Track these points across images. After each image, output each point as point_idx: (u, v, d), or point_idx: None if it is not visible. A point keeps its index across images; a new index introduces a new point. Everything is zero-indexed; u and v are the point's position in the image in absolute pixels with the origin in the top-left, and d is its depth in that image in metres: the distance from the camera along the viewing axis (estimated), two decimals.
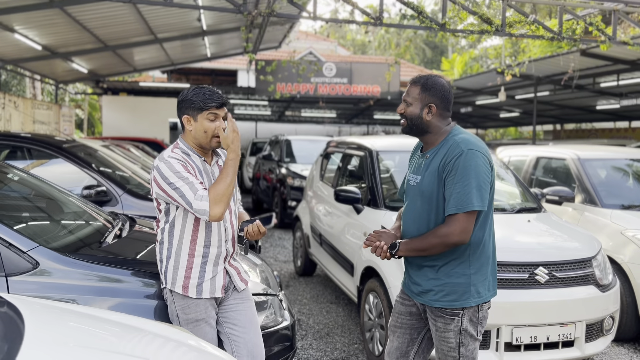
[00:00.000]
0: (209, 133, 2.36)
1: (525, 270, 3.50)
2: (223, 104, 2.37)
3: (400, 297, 2.61)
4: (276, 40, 13.75)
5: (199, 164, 2.40)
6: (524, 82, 12.21)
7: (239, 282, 2.52)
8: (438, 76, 2.47)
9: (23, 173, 3.48)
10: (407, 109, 2.43)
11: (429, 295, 2.40)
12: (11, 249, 2.42)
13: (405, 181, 2.60)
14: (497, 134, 27.47)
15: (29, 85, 17.68)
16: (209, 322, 2.39)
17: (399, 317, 2.58)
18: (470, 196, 2.23)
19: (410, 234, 2.46)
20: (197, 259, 2.37)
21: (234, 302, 2.49)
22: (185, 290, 2.36)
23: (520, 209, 4.45)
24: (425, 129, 2.42)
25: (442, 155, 2.34)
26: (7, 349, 1.39)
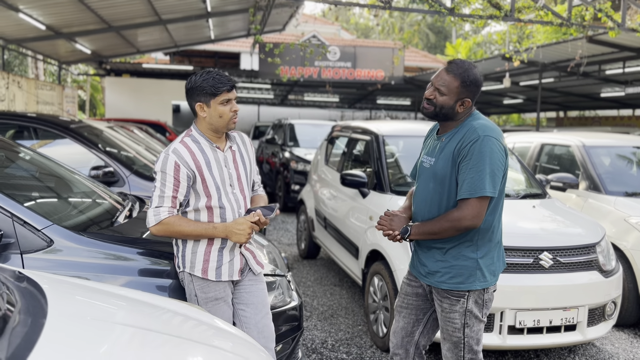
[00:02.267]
0: (225, 117, 2.37)
1: (529, 255, 3.54)
2: (233, 87, 2.38)
3: (408, 278, 2.65)
4: (280, 23, 13.66)
5: (209, 152, 2.39)
6: (529, 68, 12.16)
7: (255, 265, 2.55)
8: (475, 69, 2.40)
9: (34, 153, 3.50)
10: (440, 98, 2.38)
11: (435, 276, 2.44)
12: (26, 227, 2.45)
13: (419, 162, 2.62)
14: (500, 120, 27.40)
15: (32, 66, 17.62)
16: (227, 300, 2.44)
17: (405, 298, 2.63)
18: (484, 182, 2.25)
19: (421, 215, 2.49)
20: (215, 244, 2.41)
21: (248, 283, 2.53)
22: (205, 273, 2.40)
23: (525, 195, 4.48)
24: (452, 117, 2.43)
25: (458, 139, 2.36)
26: (30, 322, 1.42)
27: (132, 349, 1.43)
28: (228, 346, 1.74)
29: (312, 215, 6.06)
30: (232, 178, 2.45)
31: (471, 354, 2.46)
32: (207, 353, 1.60)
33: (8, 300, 1.53)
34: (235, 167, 2.48)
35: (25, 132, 5.10)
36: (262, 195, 2.70)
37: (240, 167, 2.50)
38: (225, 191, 2.41)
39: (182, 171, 2.32)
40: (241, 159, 2.52)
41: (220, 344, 1.73)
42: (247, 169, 2.54)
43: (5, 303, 1.49)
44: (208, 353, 1.60)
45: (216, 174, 2.39)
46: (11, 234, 2.42)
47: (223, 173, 2.42)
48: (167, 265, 2.57)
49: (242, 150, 2.55)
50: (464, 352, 2.45)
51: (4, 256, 2.40)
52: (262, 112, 23.73)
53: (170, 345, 1.54)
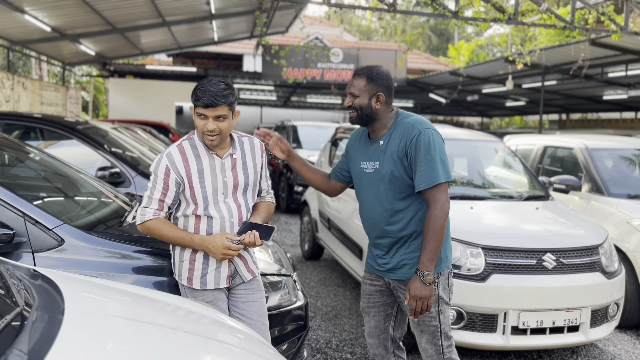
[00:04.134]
0: (200, 129, 2.31)
1: (532, 256, 3.57)
2: (208, 105, 2.21)
3: (368, 278, 2.70)
4: (283, 25, 13.72)
5: (205, 159, 2.36)
6: (532, 70, 12.19)
7: (245, 272, 2.49)
8: (378, 66, 2.56)
9: (43, 153, 3.55)
10: (355, 101, 2.51)
11: (403, 269, 2.50)
12: (37, 226, 2.49)
13: (355, 169, 2.63)
14: (502, 122, 27.42)
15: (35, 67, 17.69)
16: (217, 304, 2.41)
17: (370, 298, 2.68)
18: (437, 170, 2.37)
19: (373, 216, 2.53)
20: (200, 252, 2.38)
21: (244, 292, 2.49)
22: (190, 282, 2.40)
23: (528, 197, 4.51)
24: (375, 117, 2.52)
25: (397, 138, 2.46)
26: (48, 318, 1.46)
27: (144, 344, 1.47)
28: (235, 341, 1.78)
29: (316, 216, 6.09)
30: (227, 187, 2.39)
31: (447, 340, 2.52)
32: (216, 348, 1.64)
33: (25, 297, 1.57)
34: (234, 175, 2.40)
35: (32, 133, 5.15)
36: (268, 203, 2.62)
37: (240, 175, 2.42)
38: (216, 200, 2.37)
39: (171, 176, 2.32)
40: (243, 166, 2.45)
41: (228, 339, 1.77)
42: (250, 177, 2.46)
43: (22, 300, 1.53)
44: (216, 348, 1.64)
45: (208, 182, 2.35)
46: (23, 233, 2.46)
47: (217, 181, 2.37)
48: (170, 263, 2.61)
49: (246, 157, 2.47)
50: (441, 340, 2.50)
51: (16, 255, 2.43)
52: (264, 114, 23.77)
53: (180, 340, 1.57)
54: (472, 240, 3.59)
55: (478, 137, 5.36)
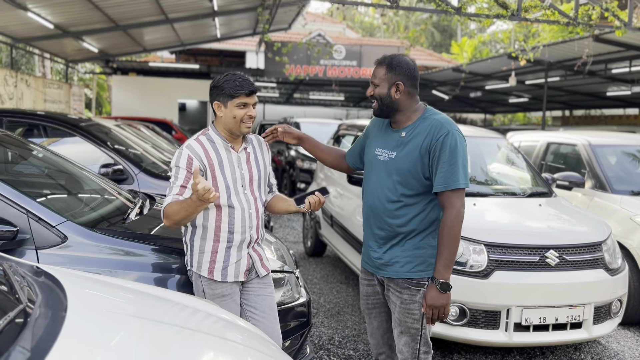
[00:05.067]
0: (238, 119, 2.40)
1: (535, 253, 3.56)
2: (252, 91, 2.39)
3: (365, 279, 2.63)
4: (286, 22, 13.70)
5: (223, 152, 2.43)
6: (535, 67, 12.15)
7: (261, 268, 2.56)
8: (402, 55, 2.48)
9: (46, 150, 3.55)
10: (376, 90, 2.44)
11: (394, 267, 2.43)
12: (41, 223, 2.50)
13: (369, 153, 2.57)
14: (505, 119, 27.36)
15: (39, 64, 17.72)
16: (234, 298, 2.47)
17: (369, 299, 2.63)
18: (457, 175, 2.30)
19: (380, 207, 2.45)
20: (222, 243, 2.43)
21: (257, 286, 2.55)
22: (211, 273, 2.43)
23: (531, 194, 4.50)
24: (396, 107, 2.43)
25: (424, 134, 2.36)
26: (51, 315, 1.46)
27: (147, 341, 1.47)
28: (239, 338, 1.78)
29: (319, 213, 6.10)
30: (244, 179, 2.48)
31: (426, 346, 2.46)
32: (219, 345, 1.64)
33: (28, 294, 1.57)
34: (249, 168, 2.50)
35: (35, 130, 5.16)
36: (282, 195, 2.72)
37: (254, 168, 2.53)
38: (237, 191, 2.44)
39: (194, 164, 2.36)
40: (255, 161, 2.55)
41: (232, 337, 1.77)
42: (261, 171, 2.56)
43: (26, 297, 1.53)
44: (220, 345, 1.64)
45: (228, 173, 2.42)
46: (26, 230, 2.47)
47: (235, 173, 2.45)
48: (176, 261, 2.61)
49: (257, 152, 2.58)
50: (419, 344, 2.44)
51: (19, 252, 2.44)
52: (267, 111, 23.76)
53: (184, 337, 1.58)
54: (475, 237, 3.59)
55: (481, 133, 5.35)
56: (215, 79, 2.45)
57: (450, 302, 3.45)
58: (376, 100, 2.46)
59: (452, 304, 3.51)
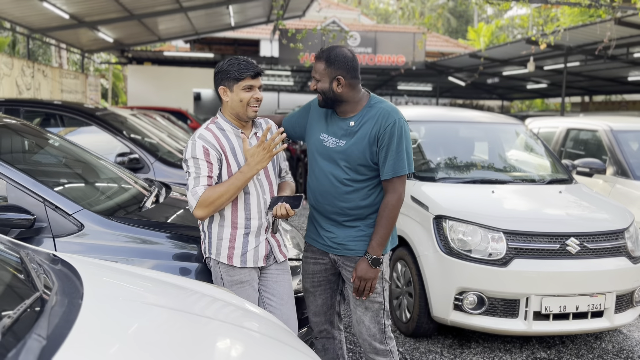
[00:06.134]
0: (245, 102, 2.37)
1: (556, 240, 3.50)
2: (258, 73, 2.37)
3: (311, 257, 2.68)
4: (300, 9, 13.60)
5: (233, 139, 2.41)
6: (554, 52, 11.92)
7: (279, 254, 2.55)
8: (339, 47, 2.51)
9: (62, 140, 3.57)
10: (318, 85, 2.47)
11: (351, 245, 2.50)
12: (57, 212, 2.51)
13: (312, 136, 2.58)
14: (523, 105, 26.97)
15: (55, 55, 17.86)
16: (253, 284, 2.45)
17: (314, 277, 2.68)
18: (404, 162, 2.41)
19: (331, 192, 2.50)
20: (240, 230, 2.41)
21: (275, 272, 2.54)
22: (230, 260, 2.42)
23: (551, 180, 4.42)
24: (340, 99, 2.47)
25: (372, 123, 2.43)
26: (68, 302, 1.46)
27: (163, 329, 1.46)
28: (256, 327, 1.77)
29: None
30: None
31: (388, 319, 2.58)
32: (236, 333, 1.63)
33: (45, 282, 1.57)
34: None
35: (52, 120, 5.19)
36: (290, 182, 2.68)
37: None
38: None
39: (211, 154, 2.35)
40: None
41: (249, 325, 1.76)
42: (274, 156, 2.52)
43: (42, 284, 1.53)
44: (237, 333, 1.63)
45: (241, 159, 2.40)
46: (43, 218, 2.48)
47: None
48: (193, 248, 2.61)
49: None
50: (384, 318, 2.54)
51: (37, 240, 2.46)
52: (282, 99, 23.72)
53: (200, 325, 1.56)
54: (494, 224, 3.53)
55: (499, 119, 5.26)
56: (218, 65, 2.42)
57: (469, 290, 3.47)
58: (319, 94, 2.50)
59: (471, 292, 3.48)
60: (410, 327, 3.80)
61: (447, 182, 4.18)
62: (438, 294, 3.59)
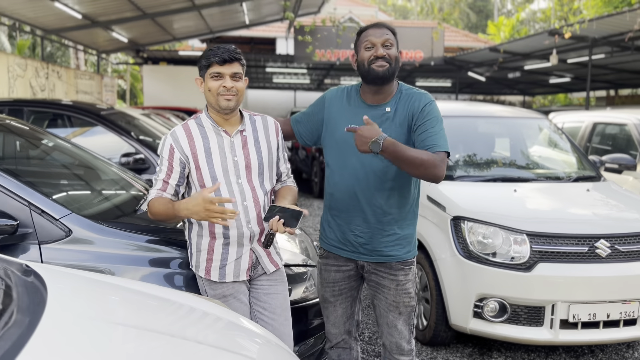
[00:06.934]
0: (213, 92, 2.14)
1: (584, 243, 3.25)
2: (226, 60, 2.08)
3: (333, 264, 2.46)
4: (315, 5, 13.39)
5: (212, 137, 2.18)
6: (578, 44, 11.50)
7: (268, 264, 2.30)
8: None
9: (59, 139, 3.42)
10: (390, 51, 2.26)
11: (385, 251, 2.32)
12: (44, 216, 2.34)
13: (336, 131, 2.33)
14: (545, 101, 26.36)
15: (73, 56, 17.94)
16: (238, 297, 2.24)
17: (336, 285, 2.47)
18: (446, 141, 2.22)
19: (366, 190, 2.28)
20: (219, 240, 2.20)
21: (266, 283, 2.32)
22: (208, 273, 2.22)
23: (578, 178, 4.15)
24: (394, 75, 2.29)
25: (406, 105, 2.27)
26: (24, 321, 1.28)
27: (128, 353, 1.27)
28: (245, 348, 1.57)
29: None
30: (238, 167, 2.19)
31: (416, 319, 2.49)
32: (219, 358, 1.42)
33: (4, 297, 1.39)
34: (245, 153, 2.20)
35: (57, 120, 5.08)
36: (292, 187, 2.40)
37: (253, 154, 2.22)
38: (228, 181, 2.17)
39: (175, 155, 2.16)
40: (255, 144, 2.24)
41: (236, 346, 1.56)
42: (265, 157, 2.25)
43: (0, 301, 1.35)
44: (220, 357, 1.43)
45: (217, 161, 2.17)
46: (29, 223, 2.32)
47: (226, 161, 2.18)
48: (186, 254, 2.43)
49: (259, 134, 2.27)
50: (413, 318, 2.46)
51: (22, 247, 2.29)
52: (298, 98, 23.58)
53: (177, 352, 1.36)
54: (516, 226, 3.30)
55: (521, 114, 4.99)
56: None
57: (489, 296, 3.23)
58: (389, 64, 2.25)
59: (492, 298, 3.24)
60: (427, 335, 3.57)
61: (466, 180, 3.95)
62: (456, 300, 3.37)
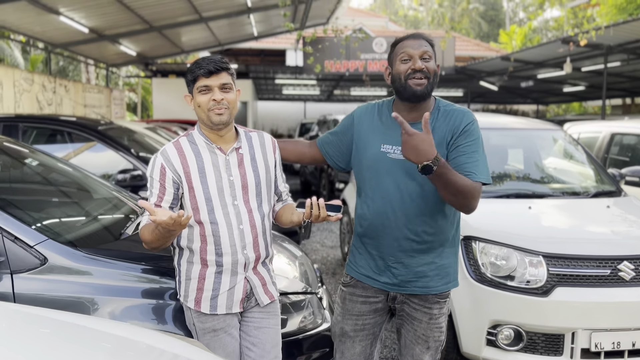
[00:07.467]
0: (203, 107, 1.97)
1: (606, 265, 3.01)
2: (211, 71, 1.92)
3: (361, 294, 2.23)
4: (324, 17, 13.28)
5: (206, 155, 2.01)
6: (593, 52, 11.23)
7: (262, 294, 2.11)
8: None
9: (47, 156, 3.25)
10: (428, 64, 2.05)
11: (422, 282, 2.12)
12: (17, 243, 2.16)
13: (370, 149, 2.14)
14: (559, 109, 25.97)
15: (83, 70, 18.00)
16: (229, 331, 2.05)
17: (360, 319, 2.23)
18: (488, 169, 2.05)
19: (401, 216, 2.07)
20: (210, 268, 2.01)
21: (258, 316, 2.12)
22: (198, 304, 2.03)
23: (597, 193, 3.91)
24: (432, 90, 2.09)
25: (445, 123, 2.06)
26: None
27: None
28: None
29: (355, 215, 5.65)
30: (234, 187, 2.02)
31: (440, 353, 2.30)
32: None
33: None
34: (241, 172, 2.04)
35: (51, 136, 4.95)
36: (292, 205, 2.23)
37: (250, 173, 2.05)
38: (223, 203, 2.00)
39: (167, 175, 1.98)
40: (252, 162, 2.08)
41: None
42: (262, 176, 2.08)
43: None
44: None
45: (211, 181, 1.99)
46: (0, 251, 2.15)
47: (222, 180, 2.00)
48: (173, 285, 2.23)
49: (255, 152, 2.10)
50: (439, 353, 2.29)
51: None
52: (308, 109, 23.46)
53: None
54: (531, 246, 3.07)
55: (535, 125, 4.76)
56: None
57: (504, 323, 3.00)
58: (427, 78, 2.05)
59: (506, 325, 3.01)
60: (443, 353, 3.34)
61: None
62: (468, 327, 3.14)
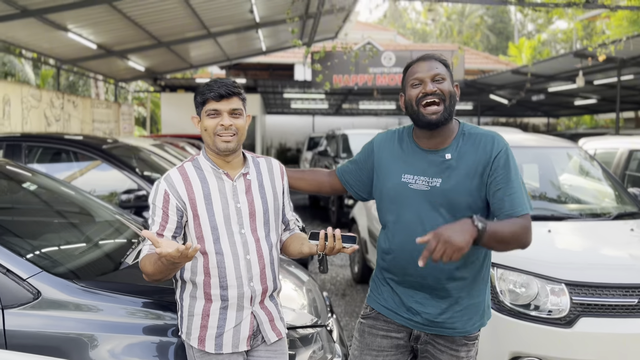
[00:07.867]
0: (210, 131, 1.86)
1: (633, 294, 2.84)
2: (222, 95, 1.83)
3: (383, 328, 2.06)
4: (332, 31, 13.25)
5: (212, 181, 1.89)
6: (605, 65, 11.07)
7: (269, 331, 1.96)
8: None
9: (47, 179, 3.15)
10: (444, 86, 1.89)
11: (450, 323, 1.96)
12: (9, 276, 2.04)
13: (390, 179, 2.00)
14: (570, 122, 25.73)
15: (93, 85, 18.07)
16: None
17: (380, 355, 2.06)
18: (528, 197, 1.89)
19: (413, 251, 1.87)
20: (215, 303, 1.88)
21: (264, 354, 1.98)
22: (202, 343, 1.88)
23: (619, 215, 3.73)
24: (452, 115, 1.93)
25: (474, 152, 1.90)
26: None
27: None
28: None
29: (365, 235, 5.50)
30: (242, 214, 1.89)
31: None
32: None
33: None
34: (249, 199, 1.92)
35: (60, 155, 4.86)
36: (301, 235, 2.11)
37: (257, 200, 1.93)
38: (230, 232, 1.87)
39: (171, 202, 1.85)
40: (260, 189, 1.96)
41: None
42: (270, 204, 1.96)
43: None
44: None
45: (217, 208, 1.86)
46: None
47: (228, 207, 1.88)
48: (173, 319, 2.09)
49: (263, 178, 1.98)
50: None
51: None
52: (316, 123, 23.40)
53: None
54: (553, 274, 2.91)
55: (549, 142, 4.60)
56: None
57: (524, 355, 2.84)
58: (442, 101, 1.89)
59: (527, 358, 2.84)
60: None
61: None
62: (486, 359, 2.96)
